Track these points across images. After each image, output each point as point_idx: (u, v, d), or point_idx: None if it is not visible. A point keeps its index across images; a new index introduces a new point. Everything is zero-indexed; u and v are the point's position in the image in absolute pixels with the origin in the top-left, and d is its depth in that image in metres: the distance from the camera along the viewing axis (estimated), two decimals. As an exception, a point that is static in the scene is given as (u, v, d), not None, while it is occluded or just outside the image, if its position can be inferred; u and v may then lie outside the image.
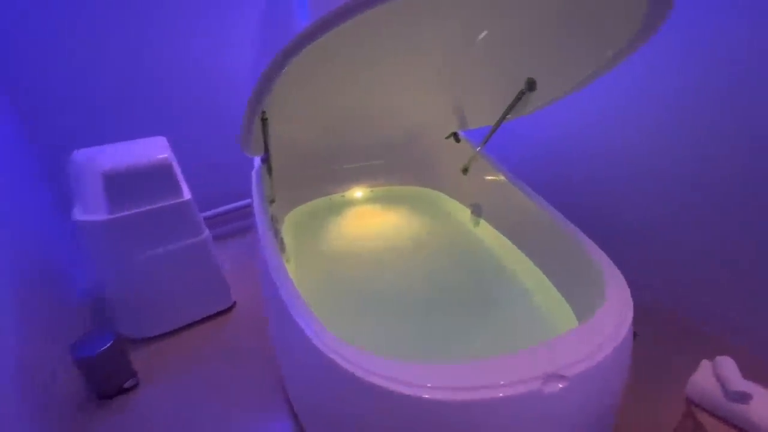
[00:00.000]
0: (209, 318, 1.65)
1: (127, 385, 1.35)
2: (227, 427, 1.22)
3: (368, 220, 1.90)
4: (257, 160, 1.58)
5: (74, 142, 1.74)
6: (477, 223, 1.73)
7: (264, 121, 1.25)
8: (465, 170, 1.76)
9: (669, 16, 0.80)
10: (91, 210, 1.37)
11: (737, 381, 0.80)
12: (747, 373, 0.84)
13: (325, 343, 0.82)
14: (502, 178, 1.55)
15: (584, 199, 1.80)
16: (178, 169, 1.50)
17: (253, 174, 1.54)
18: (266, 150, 1.42)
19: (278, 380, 1.35)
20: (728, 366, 0.84)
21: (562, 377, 0.74)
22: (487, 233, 1.66)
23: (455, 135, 1.81)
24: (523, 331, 1.23)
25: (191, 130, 2.04)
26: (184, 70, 1.92)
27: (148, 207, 1.38)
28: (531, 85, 1.28)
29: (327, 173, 2.00)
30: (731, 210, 1.32)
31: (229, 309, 1.70)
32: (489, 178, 1.64)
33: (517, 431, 0.76)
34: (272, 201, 1.56)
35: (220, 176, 2.21)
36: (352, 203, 2.01)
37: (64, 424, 1.25)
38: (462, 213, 1.82)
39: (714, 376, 0.84)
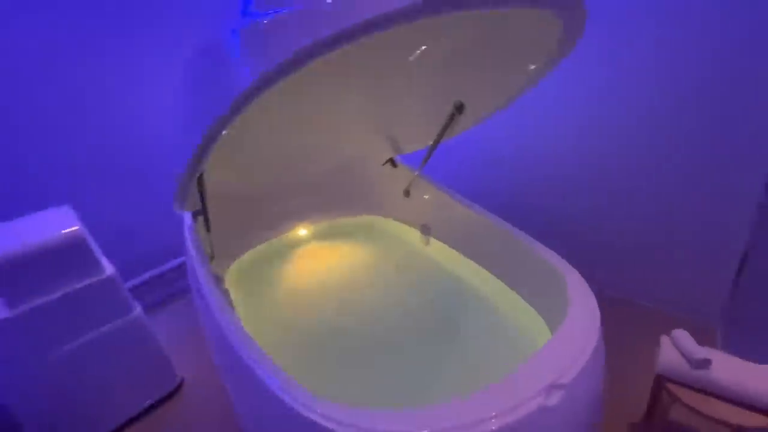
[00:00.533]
0: (155, 406, 1.43)
1: None
2: None
3: (317, 258, 1.82)
4: (187, 216, 1.43)
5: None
6: (427, 242, 1.75)
7: (200, 177, 1.14)
8: (407, 193, 1.78)
9: (579, 38, 0.89)
10: (-18, 309, 1.11)
11: (697, 350, 0.87)
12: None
13: (304, 403, 0.74)
14: (445, 195, 1.59)
15: (522, 199, 1.91)
16: (92, 241, 1.30)
17: (186, 231, 1.39)
18: (203, 205, 1.29)
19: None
20: (685, 338, 0.92)
21: (560, 386, 0.75)
22: (439, 251, 1.68)
23: (392, 161, 1.83)
24: (496, 349, 1.22)
25: (100, 192, 1.80)
26: (87, 127, 1.70)
27: (61, 292, 1.17)
28: (460, 107, 1.34)
29: (266, 216, 1.89)
30: (658, 201, 1.50)
31: (177, 389, 1.49)
32: (431, 196, 1.68)
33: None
34: (212, 257, 1.42)
35: (142, 238, 1.97)
36: (297, 243, 1.91)
37: None
38: (411, 235, 1.83)
39: (675, 349, 0.92)
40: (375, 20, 0.63)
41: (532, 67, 1.04)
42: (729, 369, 0.84)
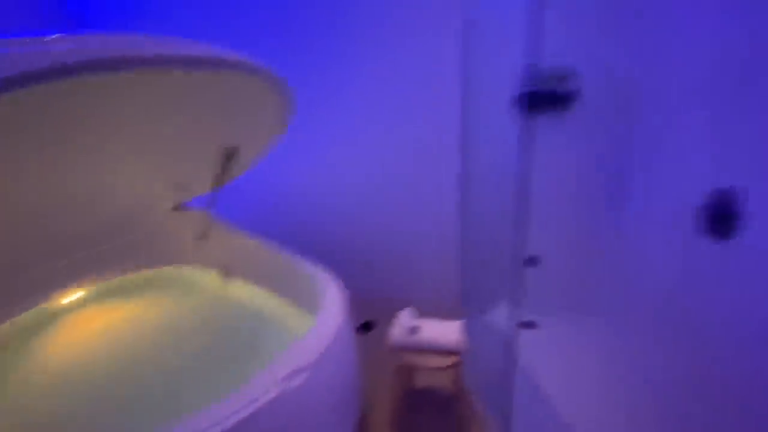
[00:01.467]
0: None
1: None
2: None
3: (94, 322, 1.62)
4: None
5: None
6: (228, 283, 1.78)
7: None
8: (200, 237, 1.80)
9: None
10: None
11: (410, 321, 1.17)
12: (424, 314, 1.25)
13: None
14: (238, 233, 1.68)
15: (300, 228, 2.15)
16: None
17: None
18: None
19: None
20: (406, 313, 1.22)
21: (302, 371, 0.90)
22: (239, 289, 1.73)
23: (180, 206, 1.83)
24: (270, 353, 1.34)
25: None
26: None
27: None
28: (232, 151, 1.49)
29: (31, 279, 1.60)
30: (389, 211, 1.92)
31: None
32: (225, 237, 1.74)
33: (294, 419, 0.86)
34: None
35: None
36: (70, 309, 1.67)
37: None
38: (209, 279, 1.82)
39: (401, 325, 1.20)
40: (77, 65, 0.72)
41: (271, 125, 1.27)
42: (431, 330, 1.15)
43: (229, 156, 1.49)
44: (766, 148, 0.86)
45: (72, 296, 1.71)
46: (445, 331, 1.16)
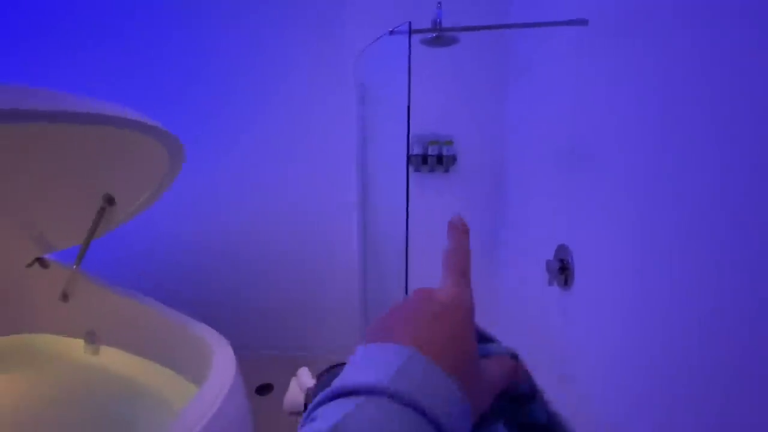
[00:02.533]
0: None
1: None
2: None
3: None
4: None
5: None
6: (96, 351, 1.53)
7: None
8: (64, 296, 1.55)
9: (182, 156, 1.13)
10: None
11: (307, 381, 1.13)
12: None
13: None
14: (110, 291, 1.49)
15: (174, 284, 1.99)
16: None
17: None
18: None
19: None
20: (304, 374, 1.17)
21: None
22: (109, 356, 1.50)
23: (40, 260, 1.57)
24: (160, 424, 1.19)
25: None
26: None
27: None
28: (110, 200, 1.36)
29: None
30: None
31: None
32: (95, 296, 1.52)
33: None
34: None
35: None
36: None
37: None
38: (73, 347, 1.56)
39: (298, 387, 1.14)
40: None
41: (158, 176, 1.21)
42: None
43: (106, 206, 1.35)
44: (590, 212, 1.06)
45: None
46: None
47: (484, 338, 0.30)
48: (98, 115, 0.94)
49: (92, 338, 1.54)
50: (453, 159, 1.75)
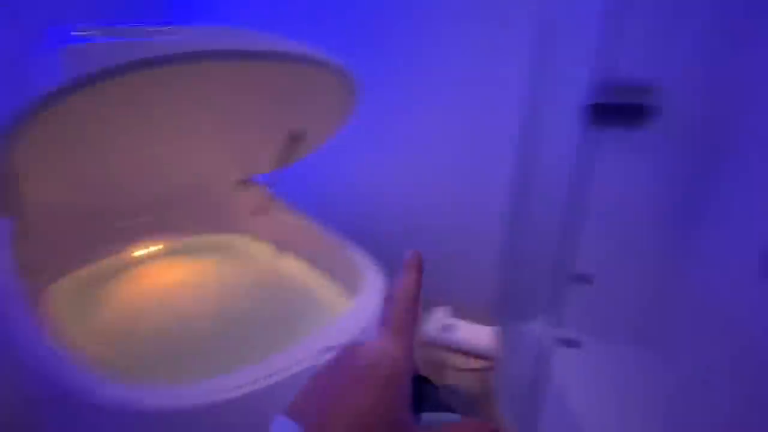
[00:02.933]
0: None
1: None
2: None
3: (162, 275, 1.82)
4: (7, 222, 1.36)
5: None
6: (279, 257, 1.90)
7: (15, 178, 1.14)
8: (260, 211, 1.94)
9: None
10: None
11: (444, 319, 1.20)
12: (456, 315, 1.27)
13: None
14: (294, 213, 1.80)
15: (354, 218, 2.22)
16: None
17: (2, 237, 1.32)
18: (19, 210, 1.26)
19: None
20: (441, 312, 1.25)
21: (332, 348, 0.97)
22: (288, 263, 1.85)
23: (245, 181, 1.97)
24: (308, 327, 1.45)
25: None
26: None
27: None
28: (295, 136, 1.59)
29: (110, 231, 1.84)
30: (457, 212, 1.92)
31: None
32: (283, 214, 1.86)
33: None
34: (29, 270, 1.35)
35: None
36: (142, 261, 1.89)
37: None
38: (263, 250, 1.96)
39: (435, 322, 1.23)
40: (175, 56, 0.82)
41: (336, 113, 1.35)
42: (463, 331, 1.17)
43: (295, 139, 1.58)
44: None
45: (144, 250, 1.92)
46: (479, 335, 1.18)
47: (440, 406, 0.25)
48: (298, 54, 1.08)
49: (277, 246, 1.92)
50: (650, 112, 1.40)
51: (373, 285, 1.25)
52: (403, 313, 0.25)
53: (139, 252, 1.90)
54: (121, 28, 1.08)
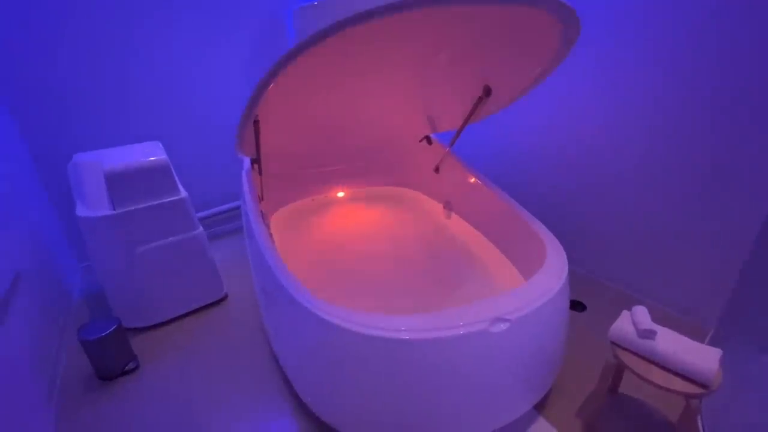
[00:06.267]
0: (203, 308, 1.78)
1: (128, 367, 1.46)
2: (224, 406, 1.33)
3: (349, 218, 2.07)
4: (246, 162, 1.74)
5: (72, 147, 1.86)
6: (449, 216, 1.92)
7: (256, 125, 1.42)
8: (437, 170, 1.96)
9: (578, 35, 1.02)
10: (94, 207, 1.49)
11: (646, 322, 0.99)
12: (655, 320, 1.03)
13: (314, 304, 0.99)
14: (469, 174, 1.75)
15: (535, 188, 2.01)
16: (173, 170, 1.64)
17: (243, 174, 1.69)
18: (257, 152, 1.58)
19: (271, 362, 1.48)
20: (641, 312, 1.03)
21: (505, 320, 0.92)
22: (457, 224, 1.85)
23: (427, 138, 2.00)
24: (480, 290, 1.46)
25: (183, 136, 2.18)
26: (177, 81, 2.07)
27: (148, 204, 1.52)
28: (487, 91, 1.49)
29: (311, 176, 2.17)
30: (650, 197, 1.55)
31: (222, 300, 1.83)
32: (457, 175, 1.84)
33: (473, 365, 0.93)
34: (261, 198, 1.71)
35: (210, 181, 2.35)
36: (334, 203, 2.18)
37: (68, 400, 1.35)
38: (434, 207, 2.01)
39: (631, 322, 1.03)
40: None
41: (541, 61, 1.17)
42: (671, 342, 0.94)
43: (485, 95, 1.49)
44: None
45: (335, 194, 2.21)
46: (695, 352, 0.93)
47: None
48: None
49: (449, 206, 1.93)
50: None
51: (552, 265, 1.13)
52: None
53: (332, 195, 2.20)
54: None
